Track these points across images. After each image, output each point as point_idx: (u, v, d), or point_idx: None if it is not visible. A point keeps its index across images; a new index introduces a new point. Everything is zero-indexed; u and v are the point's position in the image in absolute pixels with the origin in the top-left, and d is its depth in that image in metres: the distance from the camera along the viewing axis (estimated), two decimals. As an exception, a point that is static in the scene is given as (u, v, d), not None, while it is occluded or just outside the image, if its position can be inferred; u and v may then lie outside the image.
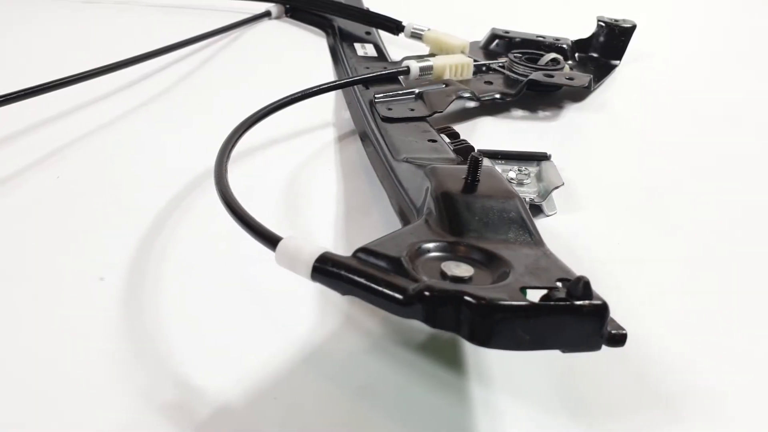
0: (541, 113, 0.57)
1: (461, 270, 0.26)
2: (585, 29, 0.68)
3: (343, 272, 0.25)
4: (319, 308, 0.34)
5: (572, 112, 0.57)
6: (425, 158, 0.40)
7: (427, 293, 0.23)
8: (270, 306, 0.35)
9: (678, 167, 0.50)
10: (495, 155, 0.45)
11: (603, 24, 0.66)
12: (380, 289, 0.24)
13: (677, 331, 0.34)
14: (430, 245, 0.27)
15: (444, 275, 0.26)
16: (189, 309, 0.34)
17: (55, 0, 0.76)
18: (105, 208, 0.42)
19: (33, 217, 0.40)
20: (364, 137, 0.49)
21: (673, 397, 0.30)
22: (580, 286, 0.23)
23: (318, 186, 0.45)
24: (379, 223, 0.41)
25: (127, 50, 0.62)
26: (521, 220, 0.30)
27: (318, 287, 0.35)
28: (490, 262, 0.27)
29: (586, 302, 0.23)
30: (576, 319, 0.23)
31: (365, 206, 0.43)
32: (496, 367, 0.31)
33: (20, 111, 0.47)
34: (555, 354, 0.29)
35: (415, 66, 0.54)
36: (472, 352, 0.32)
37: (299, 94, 0.47)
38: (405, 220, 0.35)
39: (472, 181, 0.32)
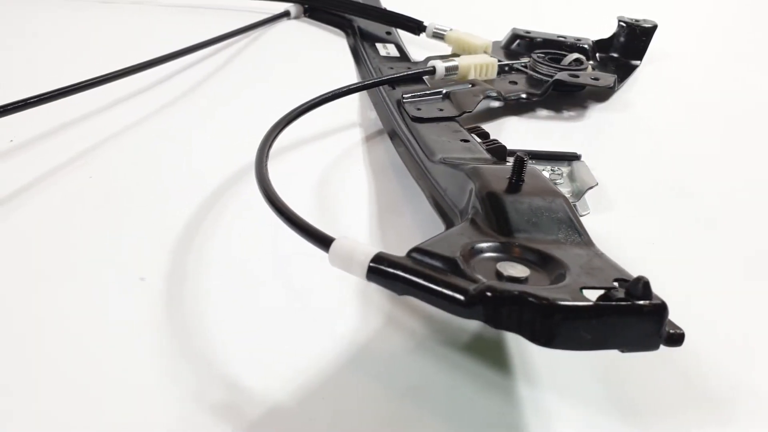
0: (566, 113, 0.57)
1: (517, 270, 0.26)
2: (599, 29, 0.68)
3: (400, 273, 0.25)
4: (359, 308, 0.34)
5: (597, 113, 0.57)
6: (461, 158, 0.40)
7: (488, 294, 0.23)
8: (310, 306, 0.35)
9: (705, 166, 0.50)
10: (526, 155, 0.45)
11: (624, 24, 0.66)
12: (440, 290, 0.24)
13: (719, 331, 0.34)
14: (483, 245, 0.27)
15: (499, 276, 0.26)
16: (231, 309, 0.34)
17: (72, 0, 0.76)
18: (139, 207, 0.42)
19: (68, 217, 0.40)
20: (394, 137, 0.49)
21: (720, 397, 0.30)
22: (640, 286, 0.23)
23: (350, 186, 0.45)
24: (412, 223, 0.41)
25: (146, 51, 0.62)
26: (569, 220, 0.30)
27: (357, 287, 0.36)
28: (544, 263, 0.27)
29: (647, 302, 0.23)
30: (637, 319, 0.23)
31: (398, 206, 0.43)
32: (541, 367, 0.31)
33: (48, 112, 0.47)
34: (599, 353, 0.30)
35: (440, 66, 0.54)
36: (516, 352, 0.32)
37: (330, 94, 0.47)
38: (447, 220, 0.35)
39: (516, 181, 0.32)
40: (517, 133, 0.53)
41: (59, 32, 0.69)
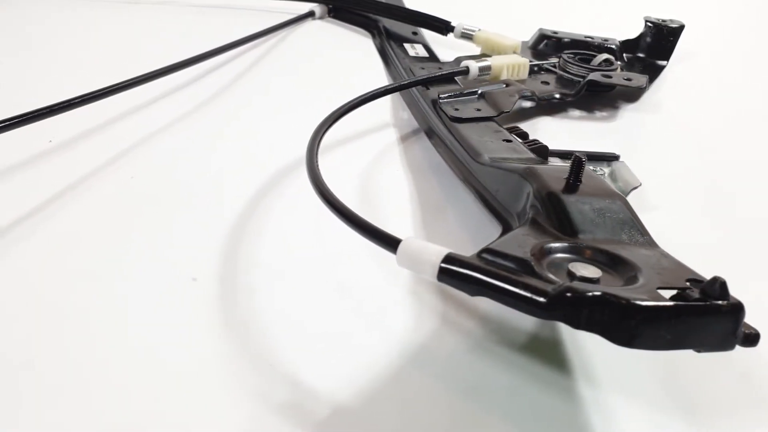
0: (598, 113, 0.57)
1: (589, 271, 0.26)
2: (620, 29, 0.68)
3: (473, 273, 0.25)
4: (412, 308, 0.34)
5: (628, 113, 0.58)
6: (507, 159, 0.40)
7: (569, 295, 0.23)
8: (363, 305, 0.35)
9: (741, 166, 0.51)
10: (565, 155, 0.46)
11: (651, 24, 0.66)
12: (519, 291, 0.24)
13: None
14: (553, 246, 0.27)
15: (572, 276, 0.26)
16: (284, 309, 0.34)
17: (95, 0, 0.76)
18: (183, 207, 0.42)
19: (113, 218, 0.40)
20: (432, 136, 0.49)
21: (780, 396, 0.30)
22: (717, 287, 0.23)
23: (390, 187, 0.45)
24: (456, 224, 0.42)
25: (172, 51, 0.62)
26: (631, 220, 0.30)
27: (407, 286, 0.36)
28: (614, 264, 0.27)
29: (725, 302, 0.23)
30: (714, 319, 0.23)
31: (440, 207, 0.43)
32: (599, 367, 0.31)
33: (84, 112, 0.47)
34: (657, 352, 0.30)
35: (474, 66, 0.54)
36: (573, 351, 0.32)
37: (371, 94, 0.47)
38: (503, 221, 0.35)
39: (574, 182, 0.32)
40: (551, 133, 0.53)
41: (82, 32, 0.68)
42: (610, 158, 0.46)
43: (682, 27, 0.66)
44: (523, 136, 0.46)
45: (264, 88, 0.59)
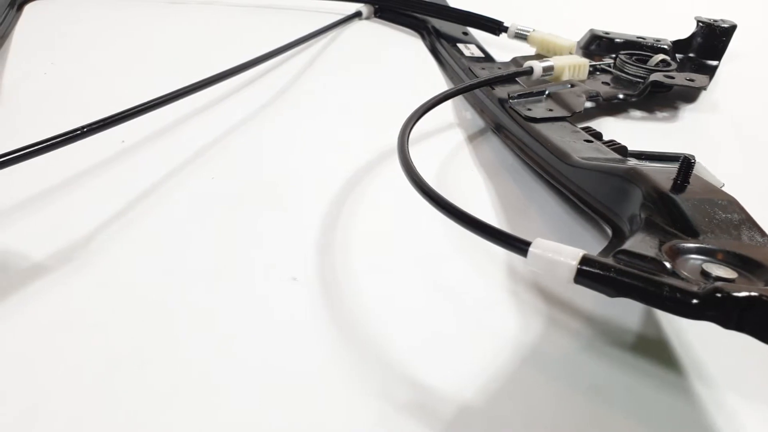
0: (659, 114, 0.57)
1: (724, 272, 0.26)
2: (658, 29, 0.68)
3: (616, 275, 0.25)
4: (516, 309, 0.35)
5: (689, 113, 0.58)
6: (596, 159, 0.40)
7: (719, 295, 0.23)
8: (466, 306, 0.35)
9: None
10: (639, 155, 0.46)
11: (702, 24, 0.67)
12: (667, 292, 0.24)
13: None
14: (683, 246, 0.28)
15: (706, 276, 0.26)
16: (389, 308, 0.34)
17: (141, 0, 0.76)
18: (268, 206, 0.42)
19: (201, 220, 0.40)
20: (503, 136, 0.49)
21: None
22: None
23: (467, 188, 0.45)
24: (540, 223, 0.42)
25: (222, 51, 0.63)
26: (748, 221, 0.30)
27: (505, 287, 0.36)
28: (746, 265, 0.27)
29: None
30: None
31: (522, 207, 0.43)
32: (711, 365, 0.32)
33: (151, 114, 0.47)
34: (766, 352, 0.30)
35: (538, 66, 0.54)
36: (682, 350, 0.33)
37: (448, 93, 0.48)
38: (610, 223, 0.35)
39: (682, 183, 0.33)
40: (616, 133, 0.53)
41: (133, 33, 0.68)
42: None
43: (734, 27, 0.66)
44: (598, 136, 0.46)
45: (323, 88, 0.59)
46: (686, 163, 0.32)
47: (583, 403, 0.29)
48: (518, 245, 0.28)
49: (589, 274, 0.26)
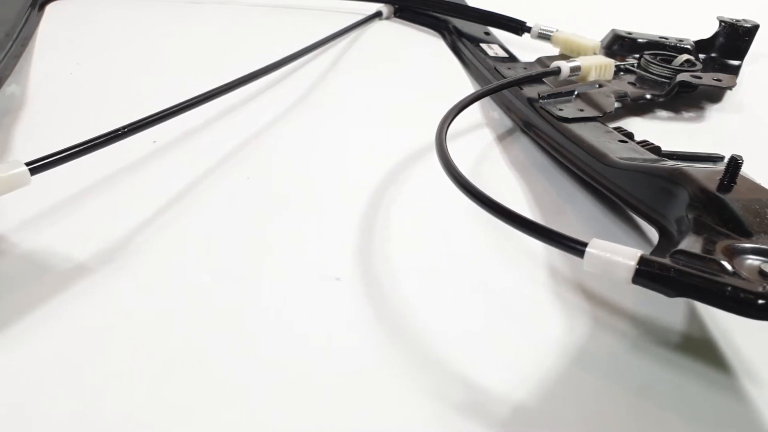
0: (685, 114, 0.58)
1: (784, 272, 0.26)
2: (674, 29, 0.69)
3: (676, 276, 0.25)
4: (560, 308, 0.35)
5: (715, 113, 0.58)
6: (633, 159, 0.40)
7: (785, 295, 0.23)
8: (512, 306, 0.35)
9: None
10: (671, 155, 0.46)
11: (725, 24, 0.67)
12: (730, 293, 0.24)
13: None
14: (739, 246, 0.28)
15: (765, 276, 0.26)
16: (434, 308, 0.34)
17: (161, 1, 0.76)
18: (306, 206, 0.42)
19: (239, 220, 0.40)
20: (533, 135, 0.49)
21: None
22: None
23: (502, 188, 0.45)
24: (577, 223, 0.42)
25: (246, 51, 0.63)
26: (799, 222, 0.30)
27: (549, 287, 0.36)
28: (802, 264, 0.27)
29: None
30: None
31: (557, 206, 0.44)
32: (759, 365, 0.32)
33: (180, 118, 0.47)
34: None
35: (566, 66, 0.54)
36: (728, 350, 0.33)
37: (483, 92, 0.48)
38: (655, 223, 0.35)
39: (728, 183, 0.33)
40: (644, 133, 0.53)
41: (150, 32, 0.68)
42: (715, 158, 0.47)
43: (756, 27, 0.66)
44: (630, 136, 0.46)
45: (349, 89, 0.59)
46: (734, 163, 0.33)
47: (634, 402, 0.30)
48: (574, 246, 0.28)
49: (648, 274, 0.26)
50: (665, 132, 0.55)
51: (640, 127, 0.55)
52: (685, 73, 0.57)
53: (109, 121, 0.40)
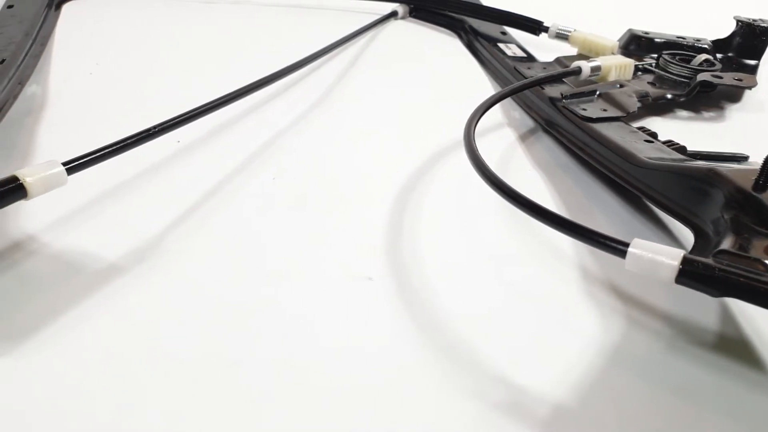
0: (705, 114, 0.58)
1: (828, 272, 0.26)
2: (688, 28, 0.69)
3: (721, 276, 0.25)
4: (594, 309, 0.35)
5: (735, 113, 0.58)
6: (663, 159, 0.40)
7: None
8: (546, 307, 0.35)
9: None
10: (695, 155, 0.46)
11: (742, 23, 0.67)
12: (777, 292, 0.24)
13: None
14: (780, 246, 0.28)
15: (809, 276, 0.26)
16: (468, 308, 0.34)
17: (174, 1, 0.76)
18: (334, 205, 0.42)
19: (269, 219, 0.40)
20: (556, 135, 0.50)
21: None
22: None
23: (528, 188, 0.45)
24: (607, 223, 0.42)
25: (263, 51, 0.63)
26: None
27: (579, 287, 0.36)
28: None
29: None
30: None
31: (585, 207, 0.44)
32: (795, 366, 0.32)
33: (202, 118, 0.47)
34: None
35: (586, 66, 0.54)
36: (764, 349, 0.33)
37: (508, 90, 0.48)
38: (689, 223, 0.35)
39: (764, 183, 0.33)
40: (666, 133, 0.53)
41: (166, 32, 0.68)
42: (739, 158, 0.47)
43: (774, 26, 0.66)
44: (654, 136, 0.46)
45: (368, 88, 0.59)
46: (770, 163, 0.33)
47: (675, 402, 0.30)
48: (616, 246, 0.28)
49: (691, 274, 0.26)
50: (687, 132, 0.55)
51: (662, 126, 0.55)
52: (705, 73, 0.57)
53: (131, 120, 0.40)
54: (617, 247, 0.28)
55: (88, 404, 0.28)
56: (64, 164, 0.32)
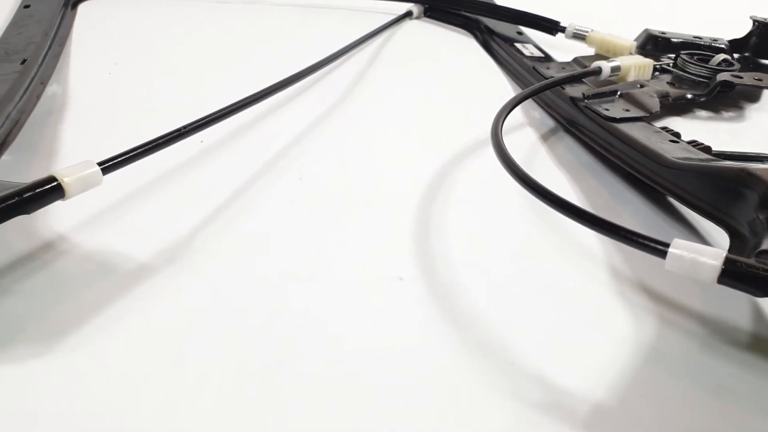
0: (725, 114, 0.58)
1: None
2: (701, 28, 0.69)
3: (765, 276, 0.25)
4: (626, 309, 0.35)
5: (755, 113, 0.58)
6: (691, 159, 0.40)
7: None
8: (577, 307, 0.35)
9: None
10: (721, 155, 0.46)
11: (758, 23, 0.67)
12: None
13: None
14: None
15: None
16: (500, 308, 0.34)
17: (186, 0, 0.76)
18: (361, 206, 0.42)
19: (297, 220, 0.40)
20: (578, 135, 0.50)
21: None
22: None
23: (554, 188, 0.45)
24: (635, 223, 0.42)
25: (280, 51, 0.64)
26: None
27: (609, 286, 0.36)
28: None
29: None
30: None
31: (611, 207, 0.44)
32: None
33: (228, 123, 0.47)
34: None
35: (606, 66, 0.54)
36: (799, 350, 0.33)
37: (526, 93, 0.48)
38: (723, 224, 0.35)
39: (798, 183, 0.33)
40: (688, 133, 0.53)
41: (182, 32, 0.68)
42: (763, 158, 0.47)
43: (791, 26, 0.66)
44: (678, 136, 0.46)
45: (387, 88, 0.59)
46: (804, 164, 0.33)
47: (714, 402, 0.30)
48: (656, 246, 0.28)
49: (734, 274, 0.26)
50: (708, 132, 0.55)
51: (683, 126, 0.55)
52: (725, 73, 0.57)
53: (153, 120, 0.40)
54: (658, 248, 0.28)
55: (122, 405, 0.28)
56: (99, 164, 0.32)
